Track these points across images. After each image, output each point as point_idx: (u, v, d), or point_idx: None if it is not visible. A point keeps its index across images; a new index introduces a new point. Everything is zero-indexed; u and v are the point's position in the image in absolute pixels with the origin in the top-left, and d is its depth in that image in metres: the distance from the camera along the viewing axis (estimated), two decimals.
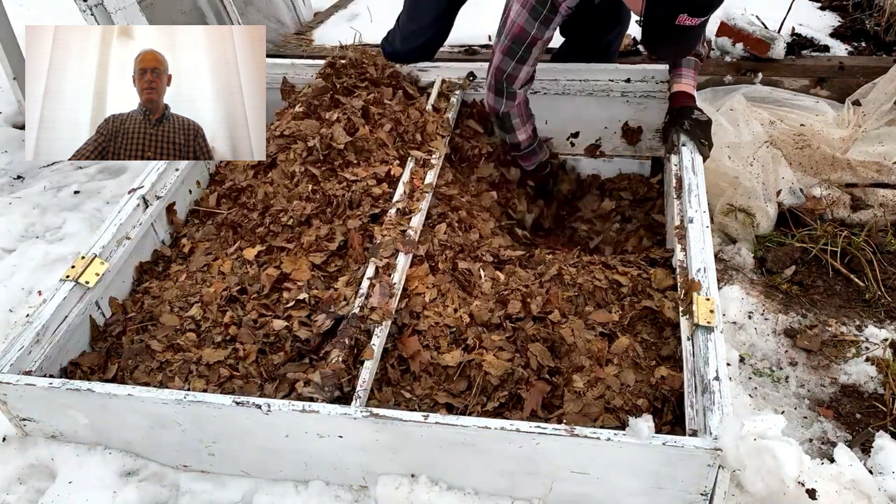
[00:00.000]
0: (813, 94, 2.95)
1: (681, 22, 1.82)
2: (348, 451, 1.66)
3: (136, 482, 1.79)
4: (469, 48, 3.35)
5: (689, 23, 1.83)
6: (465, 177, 2.52)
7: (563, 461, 1.56)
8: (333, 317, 1.87)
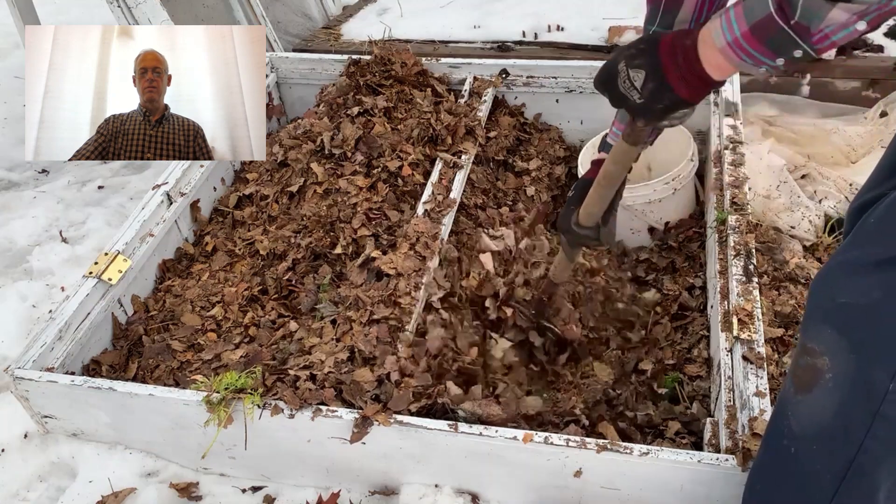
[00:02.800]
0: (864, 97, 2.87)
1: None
2: (371, 458, 1.63)
3: (156, 483, 1.77)
4: (502, 45, 3.29)
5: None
6: (495, 180, 2.47)
7: (593, 476, 1.51)
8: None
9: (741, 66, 1.07)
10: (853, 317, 1.09)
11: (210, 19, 3.18)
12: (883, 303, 1.05)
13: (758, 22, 1.00)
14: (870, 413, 1.08)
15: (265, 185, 2.36)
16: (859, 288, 1.08)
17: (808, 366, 1.15)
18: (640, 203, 2.26)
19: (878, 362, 1.07)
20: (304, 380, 1.68)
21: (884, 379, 1.06)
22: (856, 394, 1.09)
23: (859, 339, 1.09)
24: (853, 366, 1.09)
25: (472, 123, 2.38)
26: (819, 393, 1.14)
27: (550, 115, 2.68)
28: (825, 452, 1.15)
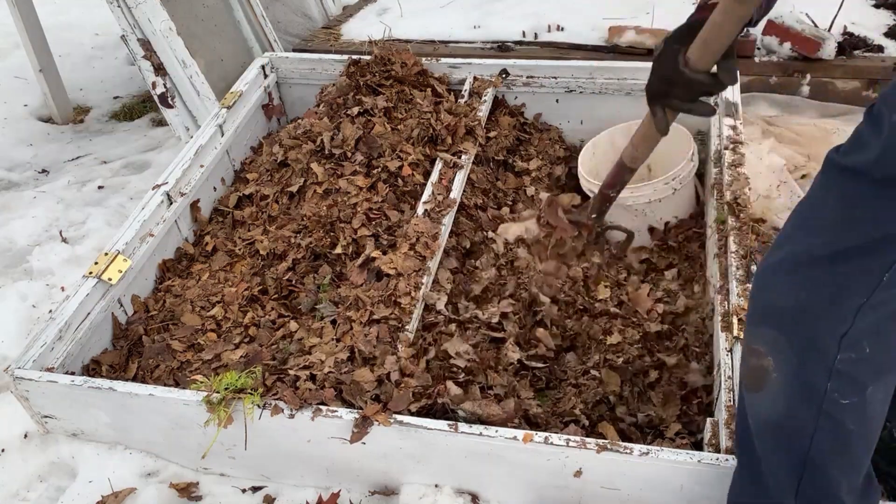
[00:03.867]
0: (864, 97, 2.87)
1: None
2: (371, 458, 1.63)
3: (156, 483, 1.77)
4: (502, 45, 3.30)
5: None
6: (495, 180, 2.47)
7: (593, 476, 1.51)
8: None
9: None
10: (786, 318, 1.11)
11: (210, 19, 3.18)
12: (809, 304, 1.07)
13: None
14: (815, 410, 1.10)
15: (265, 185, 2.36)
16: (787, 289, 1.10)
17: (755, 367, 1.17)
18: (640, 203, 2.26)
19: (813, 364, 1.08)
20: (304, 380, 1.68)
21: (820, 380, 1.08)
22: (800, 393, 1.11)
23: (795, 339, 1.10)
24: (794, 366, 1.11)
25: (472, 123, 2.38)
26: (768, 391, 1.16)
27: (550, 115, 2.68)
28: (781, 448, 1.17)
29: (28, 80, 3.82)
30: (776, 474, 1.19)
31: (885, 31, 3.16)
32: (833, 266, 1.04)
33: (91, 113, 3.78)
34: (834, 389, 1.07)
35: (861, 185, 1.01)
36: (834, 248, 1.04)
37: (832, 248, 1.04)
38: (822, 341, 1.07)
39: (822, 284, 1.06)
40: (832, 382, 1.07)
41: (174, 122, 2.96)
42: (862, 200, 1.01)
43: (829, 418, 1.09)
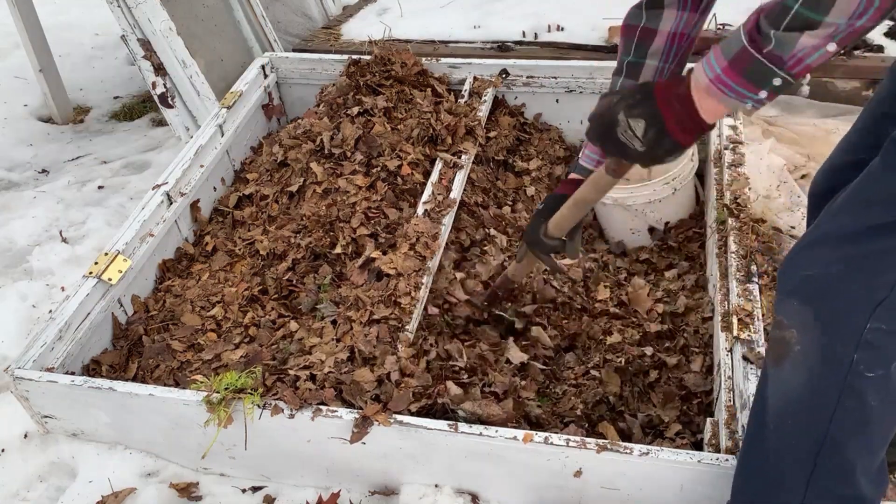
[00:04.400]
0: (864, 97, 2.87)
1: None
2: (371, 458, 1.63)
3: (156, 483, 1.77)
4: (502, 45, 3.30)
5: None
6: (495, 180, 2.47)
7: (593, 476, 1.51)
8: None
9: (728, 104, 1.09)
10: (816, 289, 1.11)
11: (210, 19, 3.18)
12: (843, 275, 1.08)
13: (734, 56, 1.03)
14: (837, 384, 1.10)
15: (265, 185, 2.36)
16: (821, 261, 1.11)
17: (778, 338, 1.17)
18: (640, 203, 2.26)
19: (841, 334, 1.09)
20: (304, 380, 1.68)
21: (847, 351, 1.08)
22: (823, 365, 1.11)
23: (822, 311, 1.11)
24: (818, 338, 1.11)
25: (472, 123, 2.38)
26: (789, 365, 1.16)
27: (550, 115, 2.68)
28: (800, 425, 1.16)
29: (28, 80, 3.82)
30: (791, 456, 1.18)
31: (885, 31, 3.16)
32: (877, 241, 1.05)
33: (91, 113, 3.78)
34: (860, 361, 1.07)
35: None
36: (879, 223, 1.05)
37: (878, 221, 1.05)
38: (852, 311, 1.07)
39: (862, 257, 1.07)
40: (859, 353, 1.07)
41: (174, 122, 2.96)
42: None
43: (852, 392, 1.09)
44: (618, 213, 2.34)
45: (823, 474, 1.16)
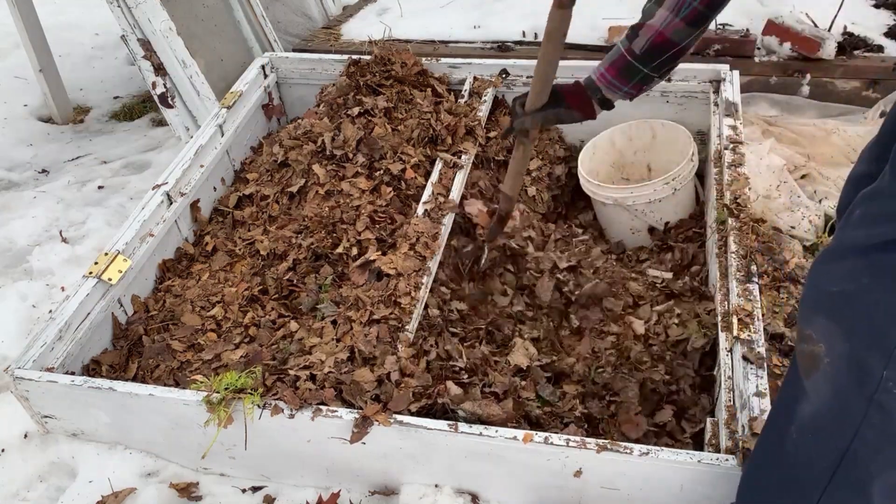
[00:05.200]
0: (864, 97, 2.87)
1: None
2: (371, 458, 1.63)
3: (156, 483, 1.77)
4: (502, 45, 3.30)
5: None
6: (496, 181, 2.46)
7: (593, 476, 1.51)
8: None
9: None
10: (843, 304, 1.10)
11: (210, 19, 3.18)
12: (871, 288, 1.06)
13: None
14: (865, 400, 1.08)
15: (265, 185, 2.36)
16: (848, 274, 1.09)
17: (807, 352, 1.16)
18: (640, 203, 2.26)
19: (871, 349, 1.07)
20: (304, 380, 1.68)
21: (877, 366, 1.06)
22: (851, 380, 1.10)
23: (851, 325, 1.09)
24: (847, 352, 1.10)
25: (472, 123, 2.38)
26: (819, 378, 1.15)
27: None
28: (823, 438, 1.15)
29: (28, 80, 3.82)
30: (809, 467, 1.17)
31: (885, 31, 3.16)
32: (892, 254, 1.04)
33: (91, 113, 3.78)
34: (889, 378, 1.05)
35: None
36: (893, 237, 1.03)
37: (892, 236, 1.04)
38: (882, 327, 1.05)
39: (888, 271, 1.05)
40: (888, 370, 1.05)
41: (174, 122, 2.96)
42: None
43: (880, 409, 1.07)
44: (618, 213, 2.34)
45: (840, 486, 1.15)
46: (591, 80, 1.65)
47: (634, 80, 1.56)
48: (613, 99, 1.65)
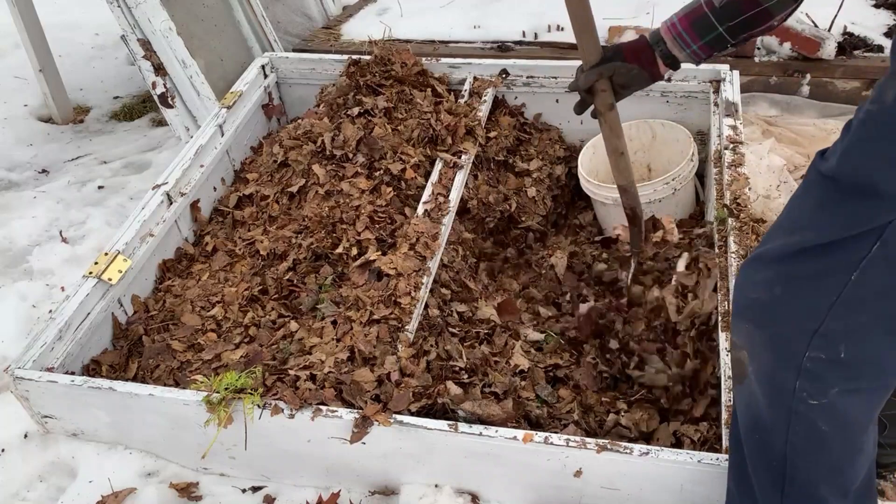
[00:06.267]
0: (864, 97, 2.86)
1: None
2: (371, 458, 1.63)
3: (157, 483, 1.77)
4: (502, 45, 3.30)
5: None
6: (496, 181, 2.46)
7: (593, 476, 1.51)
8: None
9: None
10: (761, 312, 1.11)
11: (210, 19, 3.18)
12: (782, 300, 1.07)
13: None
14: (785, 409, 1.09)
15: (265, 185, 2.36)
16: (765, 282, 1.10)
17: (735, 359, 1.18)
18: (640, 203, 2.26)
19: (783, 360, 1.08)
20: (304, 380, 1.68)
21: (789, 378, 1.07)
22: (771, 389, 1.11)
23: (766, 335, 1.10)
24: (766, 362, 1.10)
25: (472, 123, 2.38)
26: (747, 385, 1.16)
27: (550, 115, 2.68)
28: (762, 443, 1.16)
29: (28, 80, 3.82)
30: (760, 473, 1.18)
31: (885, 31, 3.15)
32: (807, 263, 1.04)
33: (91, 113, 3.78)
34: (802, 388, 1.06)
35: (829, 190, 1.02)
36: (809, 245, 1.04)
37: (808, 244, 1.04)
38: (792, 337, 1.06)
39: (795, 279, 1.05)
40: (800, 381, 1.06)
41: (174, 122, 2.96)
42: (830, 204, 1.02)
43: (801, 417, 1.08)
44: (618, 213, 2.33)
45: (793, 491, 1.15)
46: (655, 32, 1.49)
47: (707, 37, 1.40)
48: (679, 58, 1.47)
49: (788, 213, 1.11)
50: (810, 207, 1.05)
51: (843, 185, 0.99)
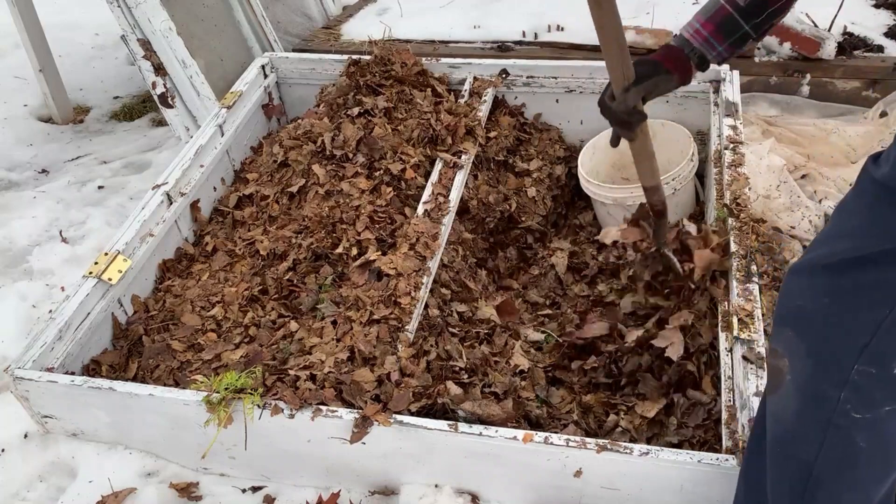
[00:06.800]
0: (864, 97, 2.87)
1: None
2: (371, 458, 1.63)
3: (156, 483, 1.77)
4: (502, 45, 3.30)
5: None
6: (496, 181, 2.47)
7: (593, 476, 1.51)
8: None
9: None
10: (806, 321, 1.08)
11: (210, 19, 3.18)
12: (830, 309, 1.04)
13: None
14: (824, 421, 1.06)
15: (265, 185, 2.36)
16: (812, 291, 1.07)
17: (773, 367, 1.15)
18: (640, 203, 2.26)
19: (828, 371, 1.05)
20: (304, 380, 1.68)
21: (833, 390, 1.04)
22: (811, 400, 1.08)
23: (812, 344, 1.07)
24: (808, 371, 1.07)
25: (472, 123, 2.38)
26: (783, 394, 1.13)
27: (550, 115, 2.68)
28: (790, 455, 1.14)
29: (28, 80, 3.81)
30: (781, 485, 1.16)
31: (885, 31, 3.16)
32: (857, 273, 1.01)
33: (91, 113, 3.78)
34: (847, 401, 1.03)
35: (882, 197, 0.99)
36: (859, 255, 1.01)
37: (857, 253, 1.01)
38: (840, 349, 1.03)
39: (846, 291, 1.02)
40: (846, 393, 1.03)
41: (174, 122, 2.96)
42: (883, 212, 0.99)
43: (839, 430, 1.05)
44: (618, 213, 2.34)
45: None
46: (684, 40, 1.43)
47: (732, 38, 1.37)
48: (709, 61, 1.44)
49: (838, 220, 1.08)
50: (862, 214, 1.02)
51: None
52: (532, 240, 2.47)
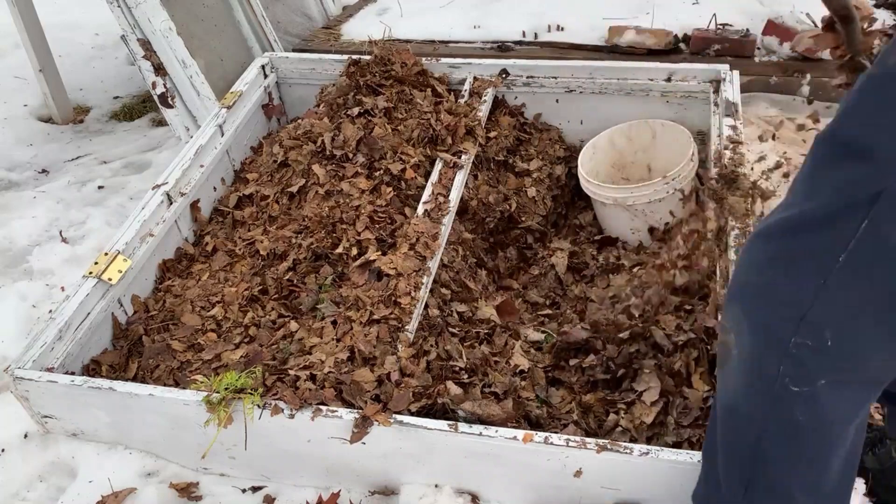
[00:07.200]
0: None
1: None
2: (371, 458, 1.63)
3: (156, 483, 1.77)
4: (502, 45, 3.30)
5: None
6: (496, 181, 2.46)
7: (593, 476, 1.51)
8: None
9: None
10: (749, 293, 1.08)
11: (210, 19, 3.18)
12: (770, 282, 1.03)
13: None
14: (766, 393, 1.06)
15: (265, 185, 2.36)
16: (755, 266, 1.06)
17: (721, 342, 1.15)
18: (640, 203, 2.26)
19: (769, 345, 1.04)
20: (304, 380, 1.68)
21: (774, 363, 1.03)
22: (754, 374, 1.08)
23: (754, 316, 1.06)
24: (750, 346, 1.07)
25: (472, 123, 2.38)
26: (729, 370, 1.13)
27: (550, 115, 2.68)
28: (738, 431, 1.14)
29: (28, 80, 3.82)
30: (730, 463, 1.16)
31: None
32: (794, 239, 1.00)
33: (91, 113, 3.78)
34: (786, 374, 1.03)
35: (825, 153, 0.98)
36: (798, 221, 1.00)
37: (796, 220, 1.00)
38: (779, 321, 1.02)
39: (783, 259, 1.01)
40: (784, 366, 1.02)
41: (174, 122, 2.96)
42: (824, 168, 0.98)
43: (781, 405, 1.05)
44: (618, 213, 2.34)
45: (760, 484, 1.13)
46: None
47: None
48: None
49: (790, 188, 1.07)
50: (806, 174, 1.02)
51: (837, 145, 0.96)
52: (532, 240, 2.47)
